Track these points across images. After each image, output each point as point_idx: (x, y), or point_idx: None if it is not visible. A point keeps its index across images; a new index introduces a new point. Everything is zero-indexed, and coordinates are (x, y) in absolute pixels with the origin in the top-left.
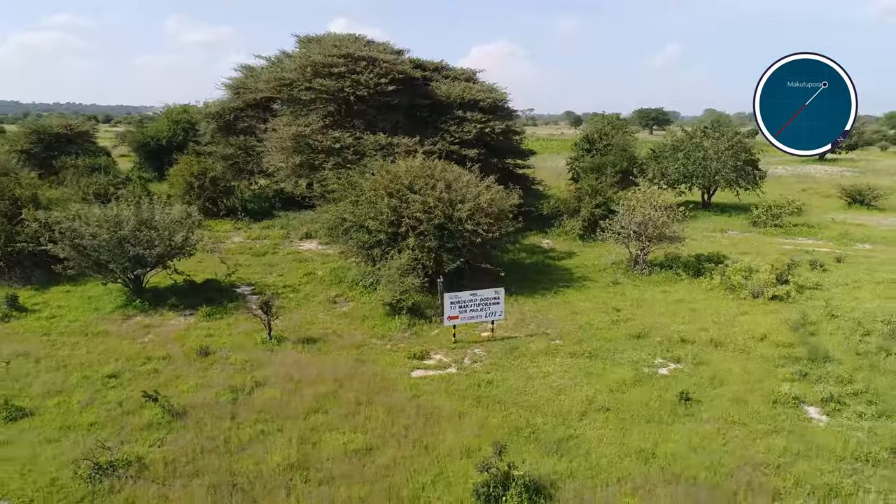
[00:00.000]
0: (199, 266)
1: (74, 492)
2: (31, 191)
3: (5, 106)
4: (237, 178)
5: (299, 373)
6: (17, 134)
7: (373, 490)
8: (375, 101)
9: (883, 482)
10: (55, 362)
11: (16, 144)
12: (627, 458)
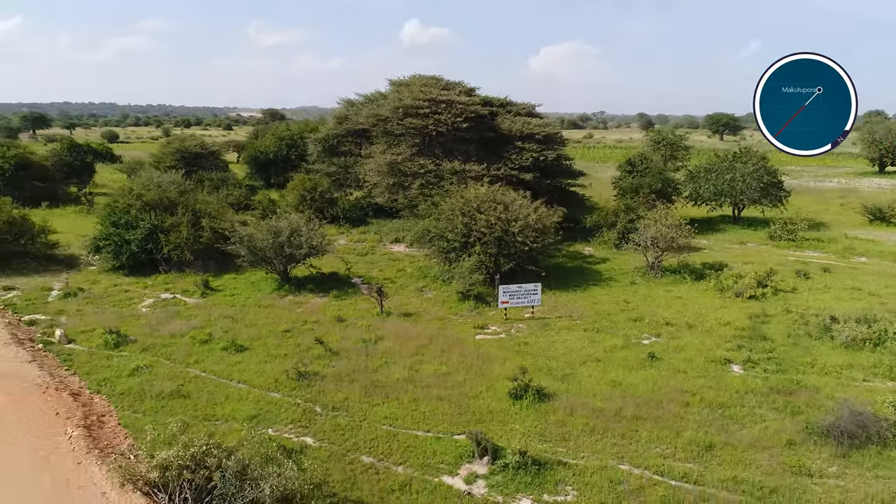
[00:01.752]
0: (321, 262)
1: (289, 384)
2: (205, 206)
3: (104, 108)
4: (338, 190)
5: (403, 333)
6: (164, 153)
7: (451, 392)
8: (452, 134)
9: (754, 403)
10: (248, 322)
11: (164, 161)
12: (602, 385)
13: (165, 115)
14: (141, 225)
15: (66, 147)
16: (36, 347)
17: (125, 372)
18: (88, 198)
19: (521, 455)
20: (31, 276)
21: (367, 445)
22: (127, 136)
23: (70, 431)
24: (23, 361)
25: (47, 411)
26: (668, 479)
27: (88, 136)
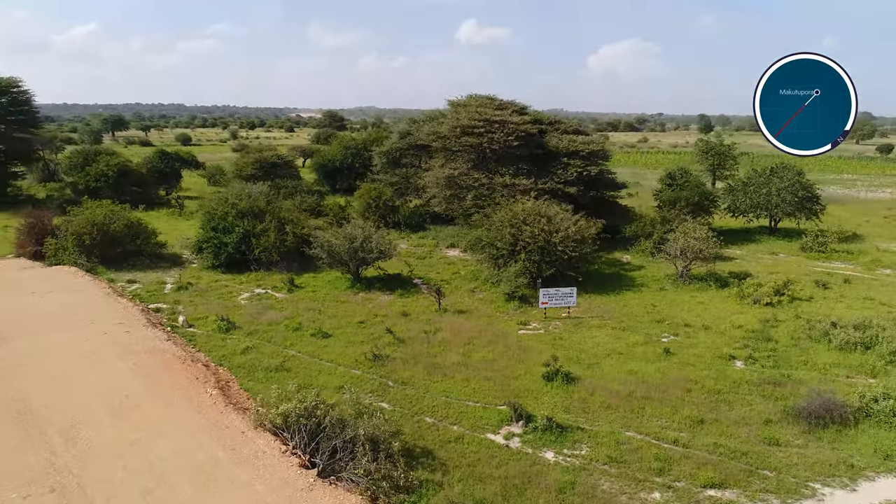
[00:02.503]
0: (386, 265)
1: (367, 364)
2: (288, 213)
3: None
4: (399, 198)
5: (458, 326)
6: (244, 164)
7: (496, 374)
8: (504, 151)
9: (746, 391)
10: (329, 314)
11: (245, 170)
12: (621, 373)
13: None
14: (236, 230)
15: (157, 155)
16: (166, 330)
17: (238, 350)
18: (179, 201)
19: (548, 420)
20: (147, 271)
21: (429, 410)
22: (198, 139)
23: (210, 391)
24: (161, 340)
25: (189, 377)
26: (663, 442)
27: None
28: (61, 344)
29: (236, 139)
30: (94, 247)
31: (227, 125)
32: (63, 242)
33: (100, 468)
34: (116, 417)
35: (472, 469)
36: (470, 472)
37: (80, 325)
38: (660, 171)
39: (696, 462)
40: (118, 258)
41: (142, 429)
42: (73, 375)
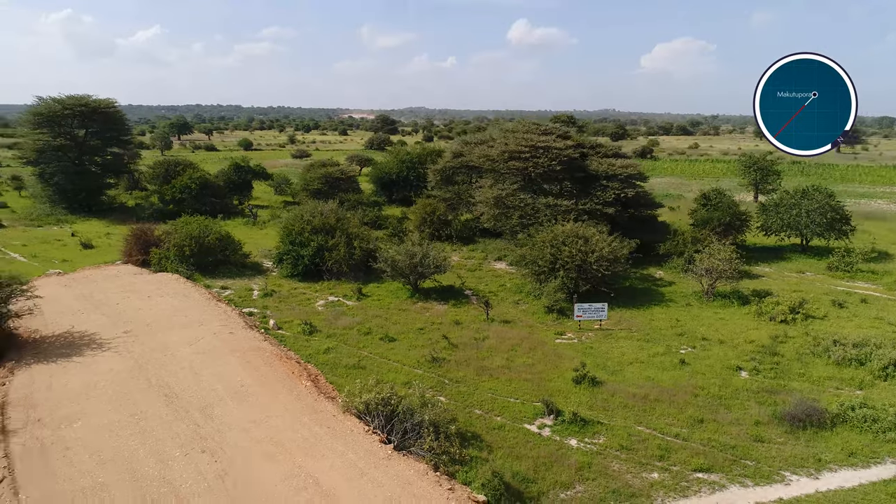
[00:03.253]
0: (441, 277)
1: (427, 365)
2: (356, 230)
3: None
4: (451, 213)
5: (503, 335)
6: (311, 178)
7: (533, 376)
8: (547, 174)
9: (745, 397)
10: (393, 321)
11: (311, 185)
12: (640, 379)
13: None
14: (311, 244)
15: (232, 168)
16: (261, 331)
17: (320, 350)
18: (252, 212)
19: (574, 415)
20: (236, 278)
21: (478, 404)
22: (257, 143)
23: (304, 383)
24: (259, 340)
25: (286, 371)
26: (666, 436)
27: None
28: (182, 341)
29: (294, 143)
30: (192, 256)
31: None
32: (165, 252)
33: (233, 437)
34: (238, 401)
35: (511, 450)
36: (509, 451)
37: (193, 325)
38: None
39: (691, 452)
40: (210, 266)
41: (258, 410)
42: (198, 367)
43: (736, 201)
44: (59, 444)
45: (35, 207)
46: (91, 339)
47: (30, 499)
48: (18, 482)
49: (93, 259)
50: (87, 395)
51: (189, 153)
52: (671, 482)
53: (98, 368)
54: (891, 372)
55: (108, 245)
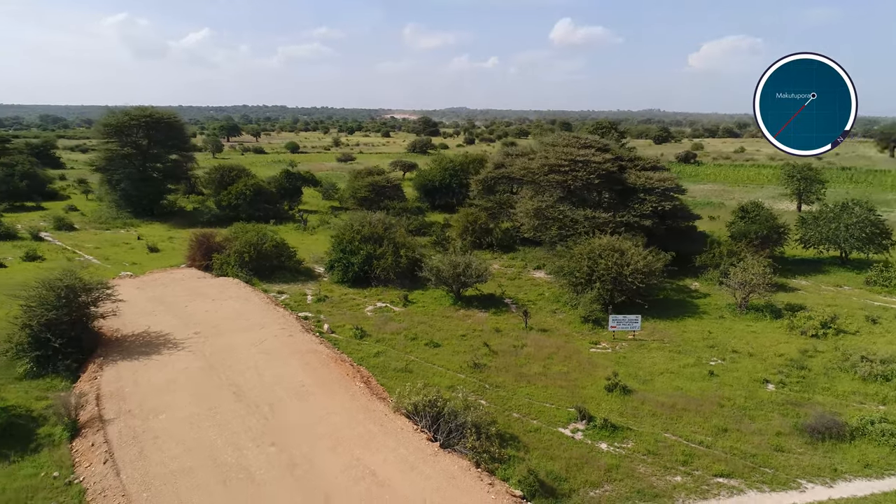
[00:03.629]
0: (482, 286)
1: (469, 370)
2: (402, 239)
3: (276, 111)
4: (492, 221)
5: (540, 343)
6: (358, 186)
7: (568, 383)
8: (586, 187)
9: (769, 409)
10: (437, 328)
11: (359, 192)
12: (669, 388)
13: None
14: (360, 252)
15: (283, 175)
16: (316, 335)
17: (371, 354)
18: (302, 218)
19: (605, 421)
20: (290, 283)
21: (516, 408)
22: (303, 145)
23: (358, 384)
24: (315, 343)
25: (341, 372)
26: (690, 443)
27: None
28: (246, 343)
29: (339, 146)
30: (250, 262)
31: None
32: (226, 258)
33: (298, 432)
34: (300, 400)
35: (546, 451)
36: (544, 452)
37: (255, 328)
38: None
39: (713, 458)
40: (267, 271)
41: (318, 408)
42: (262, 368)
43: (774, 214)
44: (149, 433)
45: (102, 211)
46: (166, 340)
47: (130, 479)
48: (119, 464)
49: (159, 262)
50: (168, 390)
51: (238, 156)
52: (693, 485)
53: (175, 367)
54: None
55: (171, 249)
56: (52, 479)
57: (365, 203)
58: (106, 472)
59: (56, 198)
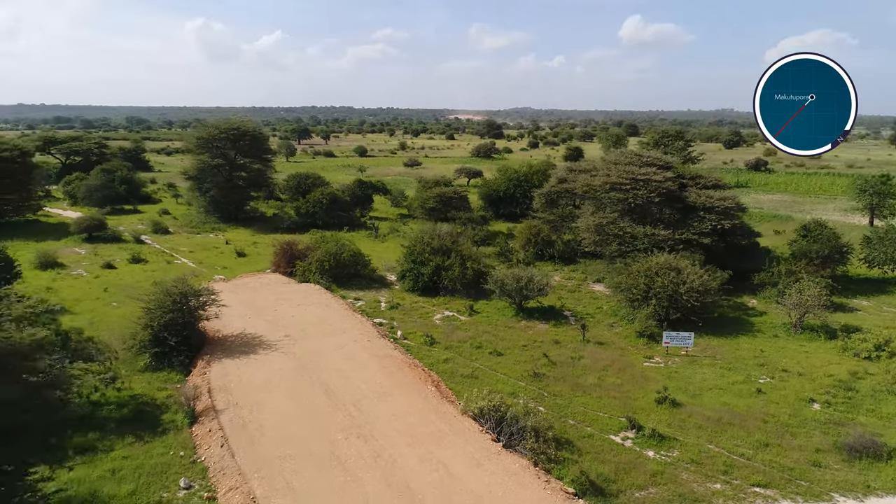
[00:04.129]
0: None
1: (529, 378)
2: (468, 252)
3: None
4: (554, 233)
5: (596, 355)
6: (427, 197)
7: (621, 395)
8: (646, 205)
9: (812, 427)
10: (500, 337)
11: (427, 203)
12: (717, 403)
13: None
14: (430, 263)
15: (356, 184)
16: (391, 340)
17: (440, 360)
18: (374, 226)
19: (653, 431)
20: (365, 290)
21: (571, 415)
22: (371, 149)
23: (430, 388)
24: (391, 349)
25: (414, 377)
26: (732, 454)
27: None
28: (331, 346)
29: (405, 149)
30: (330, 270)
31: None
32: (308, 265)
33: (380, 427)
34: (380, 400)
35: (597, 455)
36: (595, 456)
37: (337, 333)
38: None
39: (752, 470)
40: (344, 278)
41: (396, 408)
42: (346, 370)
43: (838, 233)
44: (254, 423)
45: (192, 215)
46: (261, 341)
47: (243, 461)
48: (233, 448)
49: (246, 266)
50: (266, 387)
51: (310, 159)
52: (731, 493)
53: (271, 366)
54: None
55: (256, 254)
56: (180, 458)
57: (433, 213)
58: (223, 454)
59: (149, 201)
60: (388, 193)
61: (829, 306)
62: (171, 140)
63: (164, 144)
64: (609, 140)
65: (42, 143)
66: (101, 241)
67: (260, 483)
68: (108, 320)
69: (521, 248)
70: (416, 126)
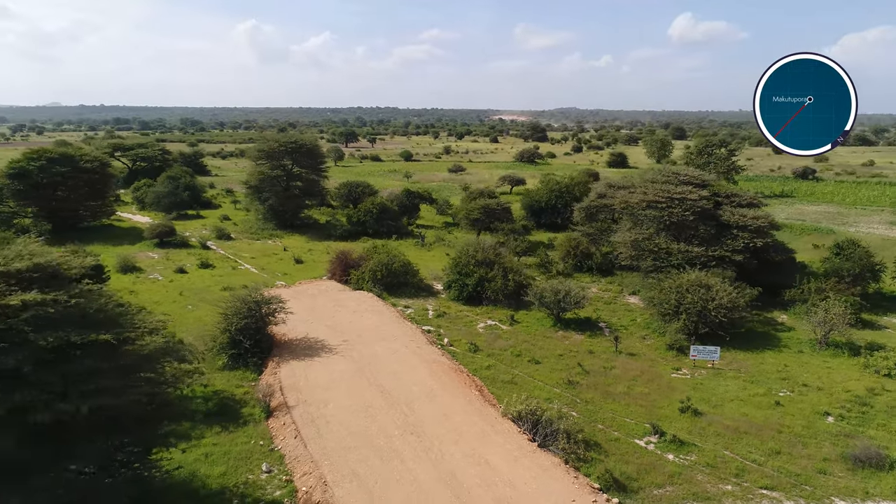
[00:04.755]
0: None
1: (563, 385)
2: (510, 264)
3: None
4: (593, 246)
5: (627, 366)
6: (471, 208)
7: (647, 403)
8: (682, 222)
9: (823, 438)
10: (539, 347)
11: (472, 213)
12: (736, 414)
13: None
14: (474, 275)
15: (404, 193)
16: (438, 347)
17: (483, 367)
18: (421, 235)
19: (674, 437)
20: (414, 298)
21: (601, 420)
22: (416, 152)
23: (473, 392)
24: (438, 355)
25: (460, 381)
26: (745, 460)
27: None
28: (385, 351)
29: (449, 153)
30: (382, 279)
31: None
32: (361, 274)
33: (430, 426)
34: (429, 401)
35: (622, 456)
36: (620, 457)
37: (389, 339)
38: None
39: (762, 474)
40: (394, 287)
41: (444, 408)
42: (399, 373)
43: (871, 252)
44: (322, 419)
45: (251, 222)
46: (323, 345)
47: (314, 450)
48: (305, 439)
49: (304, 273)
50: (330, 387)
51: (357, 163)
52: (740, 493)
53: (333, 368)
54: None
55: (311, 261)
56: (260, 446)
57: (476, 224)
58: (297, 444)
59: (210, 206)
60: (434, 202)
61: (856, 323)
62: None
63: (219, 147)
64: (654, 145)
65: (111, 150)
66: (172, 246)
67: (329, 469)
68: (186, 322)
69: (560, 260)
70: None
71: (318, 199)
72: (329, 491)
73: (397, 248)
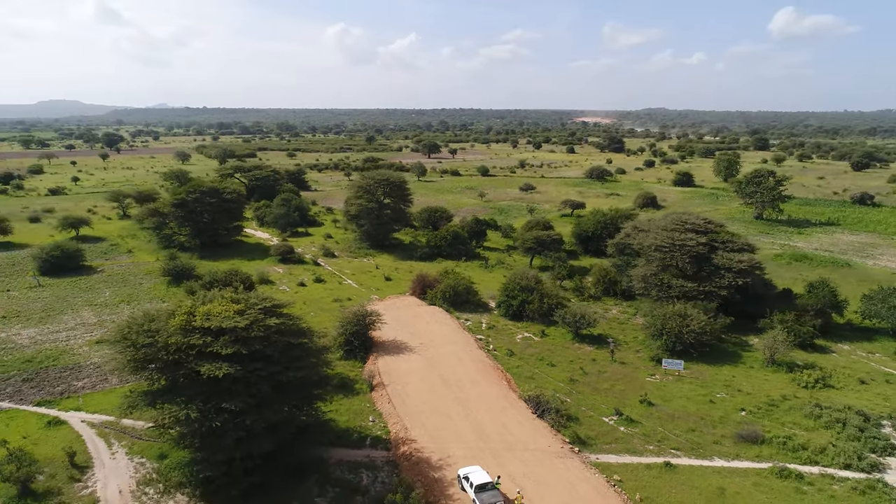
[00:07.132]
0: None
1: (568, 382)
2: (547, 290)
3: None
4: (619, 275)
5: (617, 371)
6: (526, 238)
7: (620, 396)
8: (681, 263)
9: (729, 422)
10: (556, 354)
11: (525, 244)
12: (679, 406)
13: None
14: (518, 297)
15: (474, 221)
16: (486, 351)
17: (514, 366)
18: (485, 256)
19: (628, 417)
20: (472, 313)
21: (584, 405)
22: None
23: (503, 382)
24: (485, 357)
25: (496, 375)
26: (669, 433)
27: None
28: (448, 353)
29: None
30: (449, 298)
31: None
32: (435, 293)
33: (472, 400)
34: (472, 386)
35: (589, 426)
36: (588, 427)
37: (451, 344)
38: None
39: (675, 443)
40: (459, 303)
41: (482, 391)
42: (455, 367)
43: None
44: (404, 393)
45: (350, 241)
46: (405, 346)
47: (401, 411)
48: (395, 405)
49: (392, 289)
50: (410, 374)
51: (438, 177)
52: (656, 451)
53: (412, 361)
54: (837, 428)
55: (398, 278)
56: (367, 407)
57: (530, 251)
58: (391, 408)
59: (315, 223)
60: (499, 229)
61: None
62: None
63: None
64: (721, 165)
65: (233, 171)
66: (291, 262)
67: (409, 422)
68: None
69: (592, 286)
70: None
71: (404, 223)
72: (408, 432)
73: (465, 270)
